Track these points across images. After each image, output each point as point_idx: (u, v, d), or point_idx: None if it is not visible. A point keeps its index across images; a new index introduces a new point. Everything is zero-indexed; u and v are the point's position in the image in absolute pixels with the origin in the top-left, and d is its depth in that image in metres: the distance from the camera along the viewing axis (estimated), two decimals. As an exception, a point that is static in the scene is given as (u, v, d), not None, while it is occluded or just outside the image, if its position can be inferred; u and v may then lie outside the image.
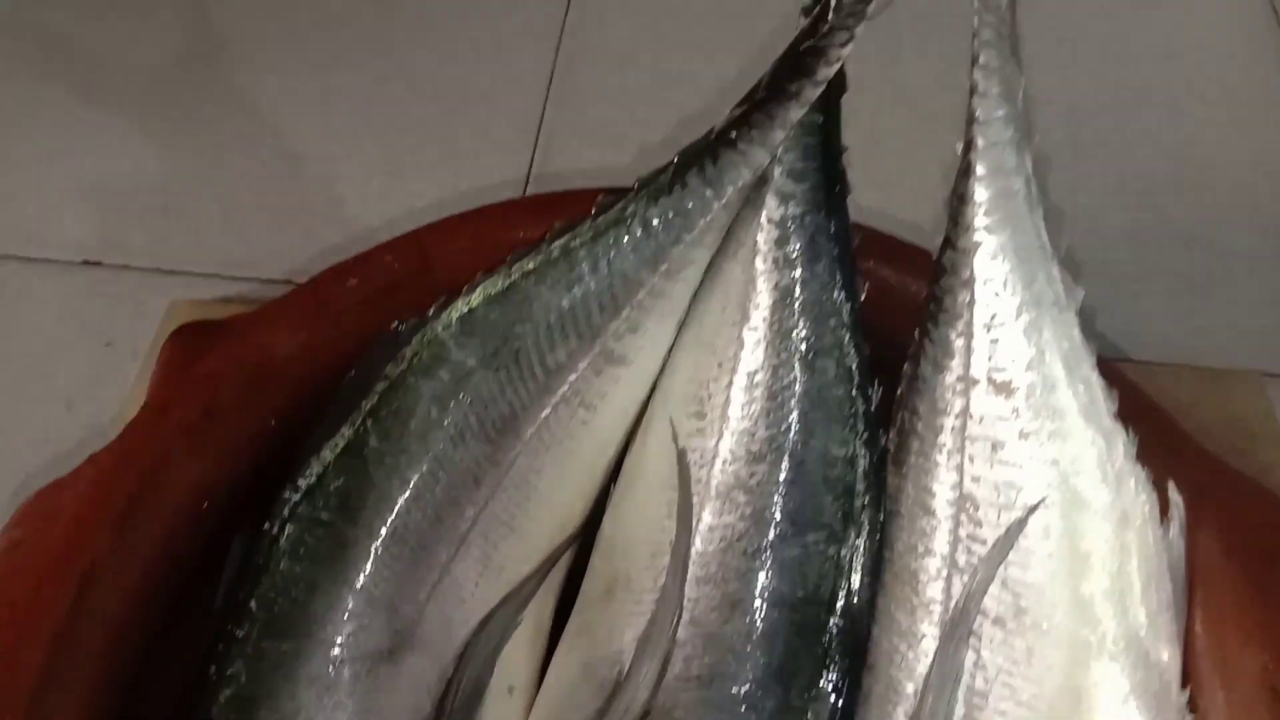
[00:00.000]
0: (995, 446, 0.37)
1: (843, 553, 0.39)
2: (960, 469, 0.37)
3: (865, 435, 0.40)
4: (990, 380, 0.37)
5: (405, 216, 0.51)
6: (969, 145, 0.37)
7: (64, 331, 0.64)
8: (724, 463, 0.41)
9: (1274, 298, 0.65)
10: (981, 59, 0.36)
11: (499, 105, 0.75)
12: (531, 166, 0.72)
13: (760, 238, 0.41)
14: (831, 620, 0.39)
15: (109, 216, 0.69)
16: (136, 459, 0.36)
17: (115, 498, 0.35)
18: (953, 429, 0.38)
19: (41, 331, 0.64)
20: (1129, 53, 0.77)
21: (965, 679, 0.36)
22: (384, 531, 0.40)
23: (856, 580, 0.39)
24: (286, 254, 0.66)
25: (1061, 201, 0.73)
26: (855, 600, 0.39)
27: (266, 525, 0.40)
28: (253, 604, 0.39)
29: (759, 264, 0.41)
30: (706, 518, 0.41)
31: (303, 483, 0.41)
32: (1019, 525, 0.36)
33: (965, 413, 0.37)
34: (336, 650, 0.38)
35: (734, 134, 0.39)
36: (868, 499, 0.40)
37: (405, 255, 0.42)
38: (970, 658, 0.36)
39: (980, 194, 0.37)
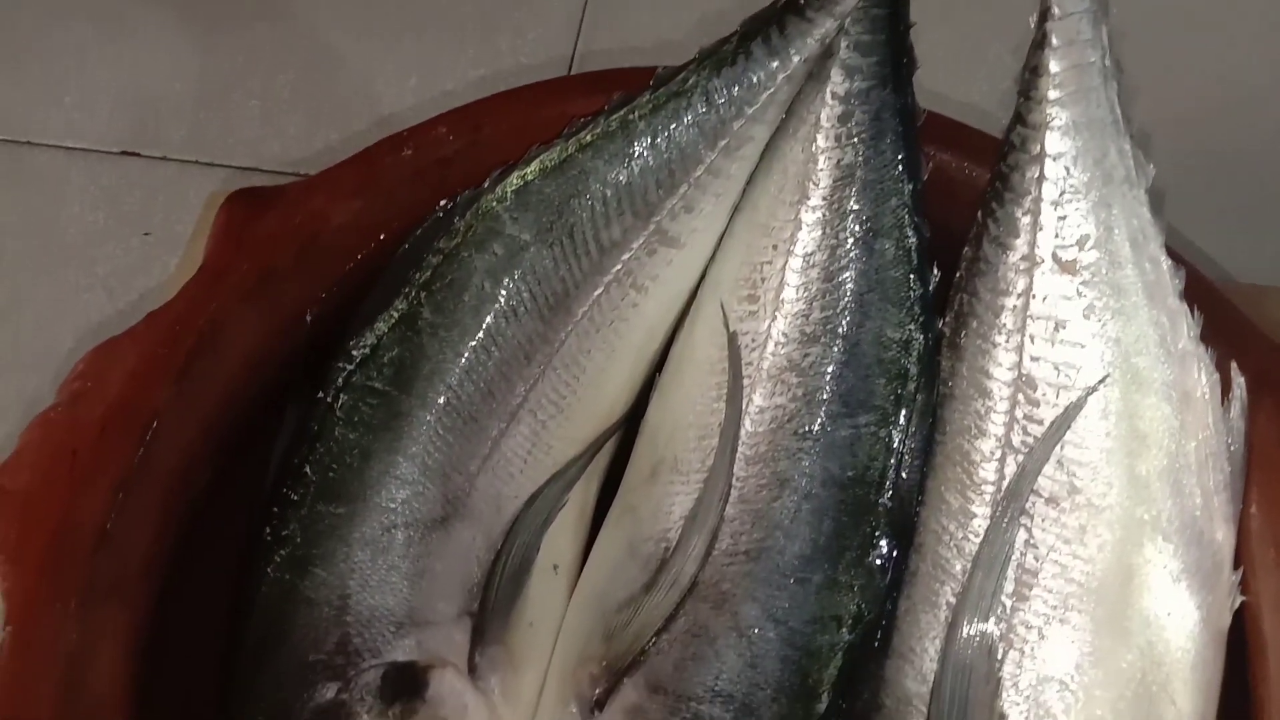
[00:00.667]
0: (1057, 326, 0.36)
1: (894, 435, 0.39)
2: (1020, 349, 0.37)
3: (921, 319, 0.40)
4: (1055, 258, 0.36)
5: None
6: (1044, 14, 0.36)
7: (103, 220, 0.64)
8: (776, 345, 0.41)
9: None
10: (1061, -76, 0.35)
11: (537, 6, 0.73)
12: (570, 69, 0.71)
13: (823, 114, 0.40)
14: (880, 500, 0.39)
15: (147, 109, 0.68)
16: (195, 317, 0.36)
17: (175, 353, 0.35)
18: (1014, 309, 0.37)
19: (80, 220, 0.64)
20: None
21: (1015, 557, 0.36)
22: (437, 403, 0.40)
23: (906, 462, 0.39)
24: (323, 150, 0.66)
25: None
26: (904, 481, 0.39)
27: (320, 394, 0.40)
28: (308, 469, 0.39)
29: (820, 141, 0.40)
30: (757, 399, 0.41)
31: (357, 353, 0.41)
32: (1078, 405, 0.36)
33: (1028, 292, 0.37)
34: (390, 515, 0.39)
35: (802, 1, 0.39)
36: (921, 382, 0.40)
37: (459, 128, 0.42)
38: (1021, 536, 0.36)
39: (1054, 66, 0.36)
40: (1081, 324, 0.36)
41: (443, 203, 0.41)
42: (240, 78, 0.70)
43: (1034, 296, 0.37)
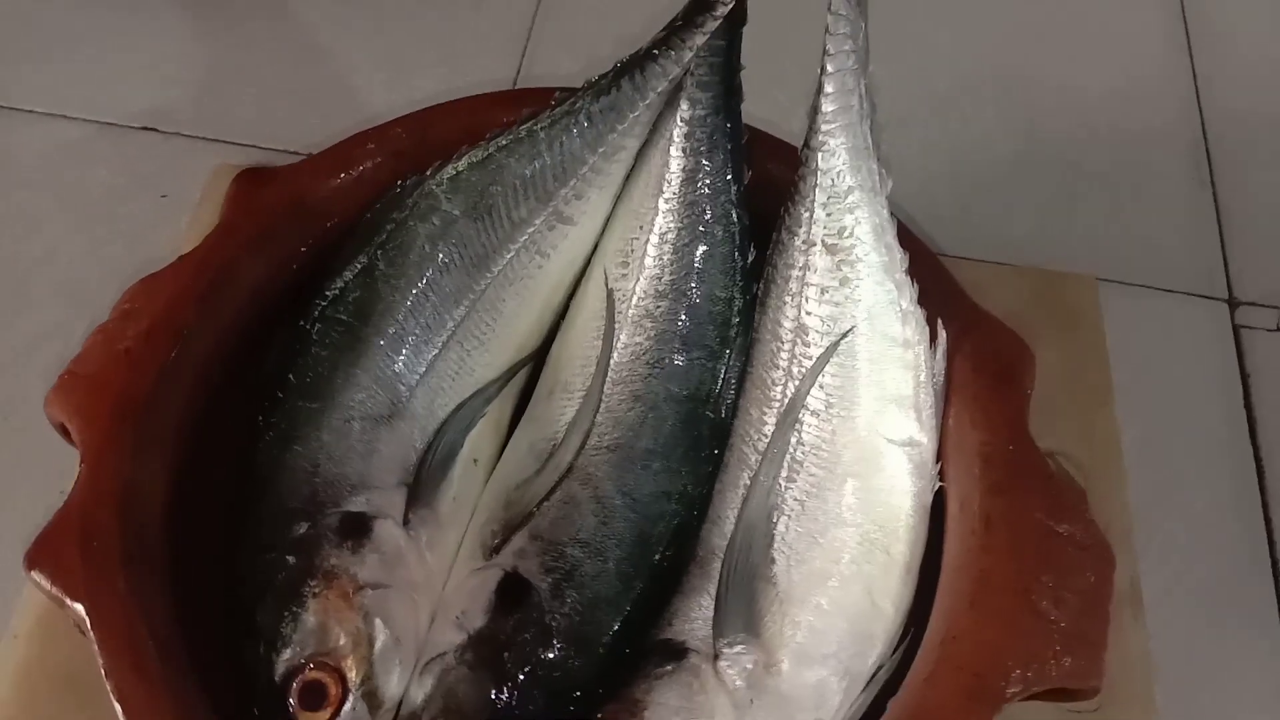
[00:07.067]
0: (823, 291, 0.52)
1: (718, 367, 0.54)
2: (799, 307, 0.52)
3: (741, 284, 0.55)
4: (823, 243, 0.51)
5: (406, 105, 0.64)
6: (822, 69, 0.51)
7: (125, 184, 0.77)
8: (639, 299, 0.56)
9: (1113, 213, 0.80)
10: (833, 7, 0.50)
11: (494, 14, 0.88)
12: (520, 69, 0.85)
13: (675, 131, 0.55)
14: (706, 412, 0.54)
15: (161, 91, 0.82)
16: (214, 258, 0.50)
17: (200, 282, 0.49)
18: (797, 278, 0.52)
19: (105, 183, 0.78)
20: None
21: (789, 451, 0.51)
22: (387, 332, 0.54)
23: (726, 386, 0.54)
24: (306, 131, 0.80)
25: (957, 132, 0.87)
26: (723, 400, 0.54)
27: (301, 322, 0.55)
28: (290, 376, 0.53)
29: (673, 151, 0.55)
30: (623, 339, 0.56)
31: (329, 293, 0.55)
32: (834, 346, 0.51)
33: (806, 266, 0.52)
34: (349, 411, 0.53)
35: (656, 52, 0.53)
36: (739, 329, 0.55)
37: (411, 129, 0.56)
38: (794, 437, 0.51)
39: (826, 106, 0.51)
40: (838, 290, 0.51)
41: (397, 184, 0.56)
42: (238, 68, 0.84)
43: (809, 269, 0.52)
